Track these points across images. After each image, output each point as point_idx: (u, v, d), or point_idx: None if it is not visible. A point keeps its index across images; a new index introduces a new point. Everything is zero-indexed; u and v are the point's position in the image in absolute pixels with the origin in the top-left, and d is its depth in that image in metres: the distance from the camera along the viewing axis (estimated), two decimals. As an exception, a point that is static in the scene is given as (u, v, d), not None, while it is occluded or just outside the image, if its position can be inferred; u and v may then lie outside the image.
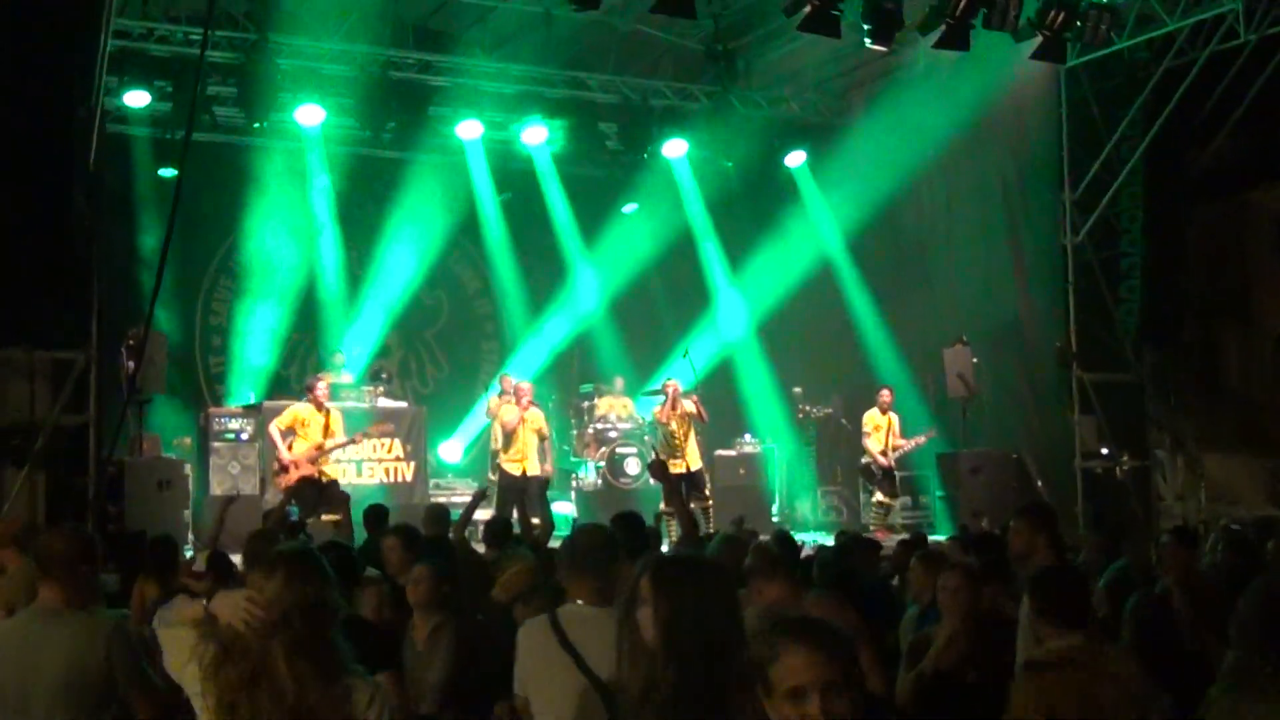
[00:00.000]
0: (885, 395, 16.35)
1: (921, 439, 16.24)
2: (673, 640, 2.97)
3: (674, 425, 15.00)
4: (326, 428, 13.66)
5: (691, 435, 15.35)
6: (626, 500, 16.07)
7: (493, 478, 15.77)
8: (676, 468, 14.58)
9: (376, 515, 10.09)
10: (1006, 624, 5.24)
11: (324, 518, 12.91)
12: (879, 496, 16.21)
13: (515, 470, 14.76)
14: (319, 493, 13.30)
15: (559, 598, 4.29)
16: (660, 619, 3.00)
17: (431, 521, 9.56)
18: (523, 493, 14.34)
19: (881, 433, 16.16)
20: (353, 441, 14.31)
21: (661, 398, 16.38)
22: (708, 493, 15.01)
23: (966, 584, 5.49)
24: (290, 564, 3.43)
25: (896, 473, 16.41)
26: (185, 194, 11.29)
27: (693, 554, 3.31)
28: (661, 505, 14.06)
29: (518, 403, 15.07)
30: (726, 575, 3.21)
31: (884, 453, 16.18)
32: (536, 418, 15.18)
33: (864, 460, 16.42)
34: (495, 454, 15.95)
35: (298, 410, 13.78)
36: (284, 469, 13.46)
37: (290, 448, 13.58)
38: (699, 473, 15.03)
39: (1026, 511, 5.94)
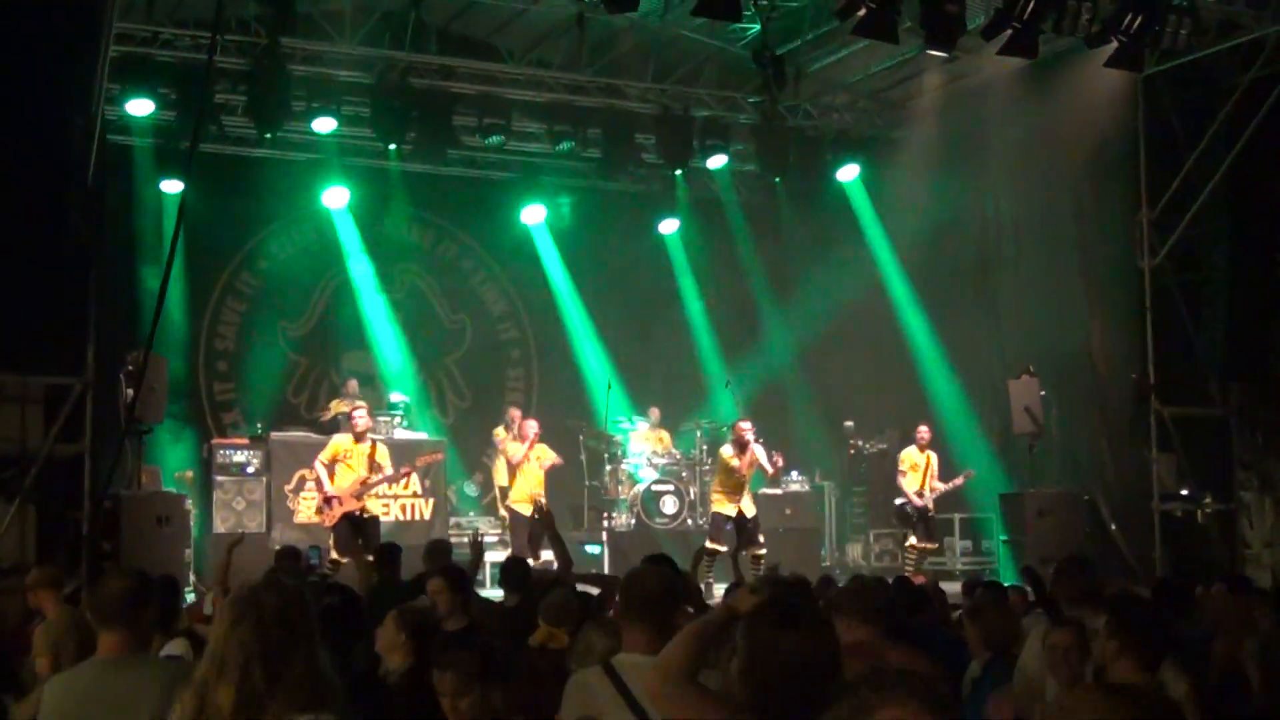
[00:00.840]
0: (923, 432, 16.33)
1: (960, 480, 16.14)
2: (758, 693, 2.98)
3: (739, 462, 14.90)
4: (371, 460, 13.78)
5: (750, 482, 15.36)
6: (662, 542, 16.02)
7: (503, 515, 15.77)
8: (728, 505, 14.68)
9: (390, 554, 10.05)
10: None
11: (364, 557, 13.06)
12: (912, 540, 16.17)
13: (524, 509, 15.01)
14: (357, 530, 13.50)
15: (611, 645, 4.24)
16: (746, 672, 3.02)
17: (432, 557, 9.56)
18: (531, 530, 14.62)
19: (919, 472, 16.14)
20: (401, 475, 14.44)
21: (702, 431, 16.43)
22: (761, 539, 14.94)
23: (1078, 644, 5.44)
24: (236, 610, 3.45)
25: (937, 516, 16.38)
26: (190, 209, 11.32)
27: (793, 600, 3.26)
28: (707, 542, 13.96)
29: (522, 439, 15.34)
30: (825, 623, 3.19)
31: (919, 493, 16.10)
32: (544, 454, 15.46)
33: (899, 501, 16.38)
34: (503, 492, 15.98)
35: (338, 442, 13.92)
36: (327, 503, 13.62)
37: (332, 480, 13.69)
38: (754, 520, 14.96)
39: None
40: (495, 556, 14.92)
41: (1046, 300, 17.47)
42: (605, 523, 17.34)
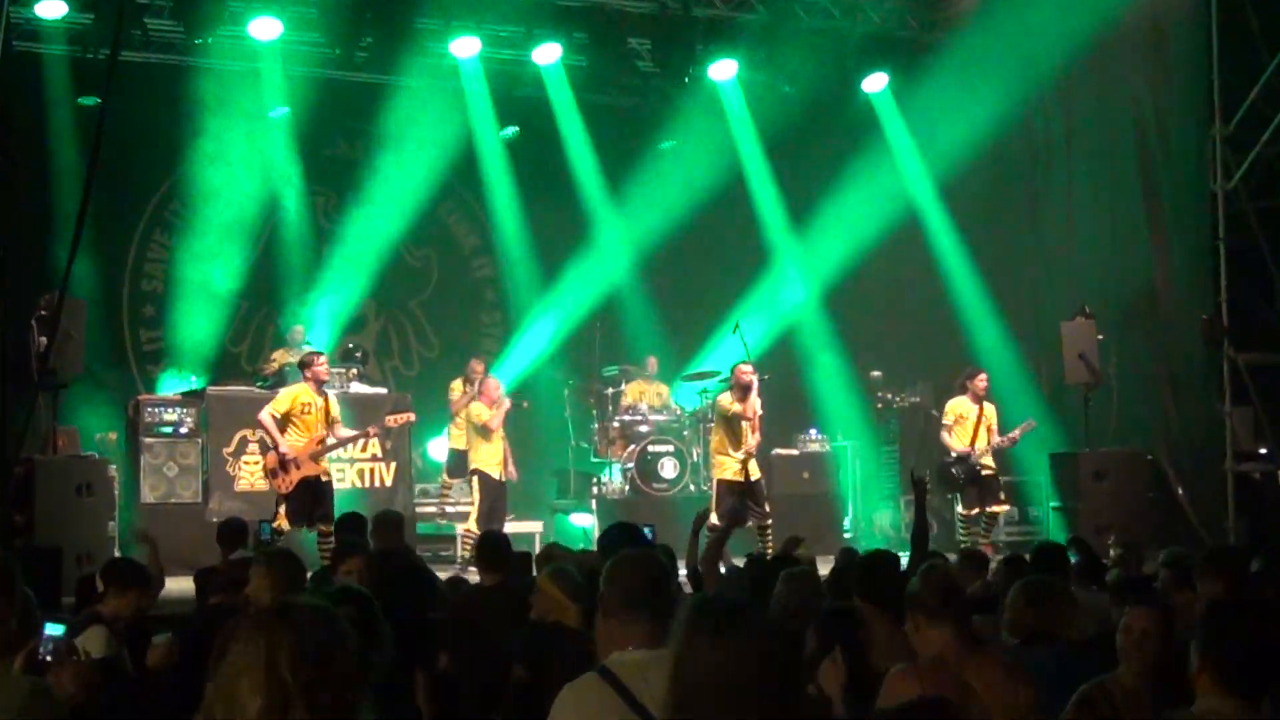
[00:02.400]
0: (981, 381, 15.97)
1: (1017, 433, 15.93)
2: (684, 708, 2.98)
3: (745, 423, 14.79)
4: (328, 416, 13.77)
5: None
6: (660, 509, 16.11)
7: (461, 487, 16.26)
8: (733, 469, 14.65)
9: (351, 527, 10.03)
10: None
11: (319, 527, 13.25)
12: (959, 508, 16.03)
13: (498, 475, 15.37)
14: (316, 499, 13.48)
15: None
16: (677, 682, 3.00)
17: (382, 531, 9.52)
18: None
19: (966, 426, 15.89)
20: (366, 435, 14.47)
21: (711, 384, 16.34)
22: (767, 508, 14.94)
23: (1158, 628, 5.41)
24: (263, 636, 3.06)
25: (998, 476, 16.17)
26: (111, 128, 11.17)
27: (736, 600, 3.18)
28: (713, 516, 14.04)
29: (487, 400, 15.45)
30: (780, 633, 3.10)
31: (969, 447, 15.85)
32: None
33: (944, 459, 16.13)
34: (459, 457, 16.30)
35: (296, 393, 13.79)
36: (283, 467, 13.49)
37: (288, 440, 13.61)
38: (758, 484, 14.97)
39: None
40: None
41: (1104, 230, 17.67)
42: (595, 489, 17.38)
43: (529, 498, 17.65)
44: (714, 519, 13.94)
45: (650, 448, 17.38)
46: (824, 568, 9.18)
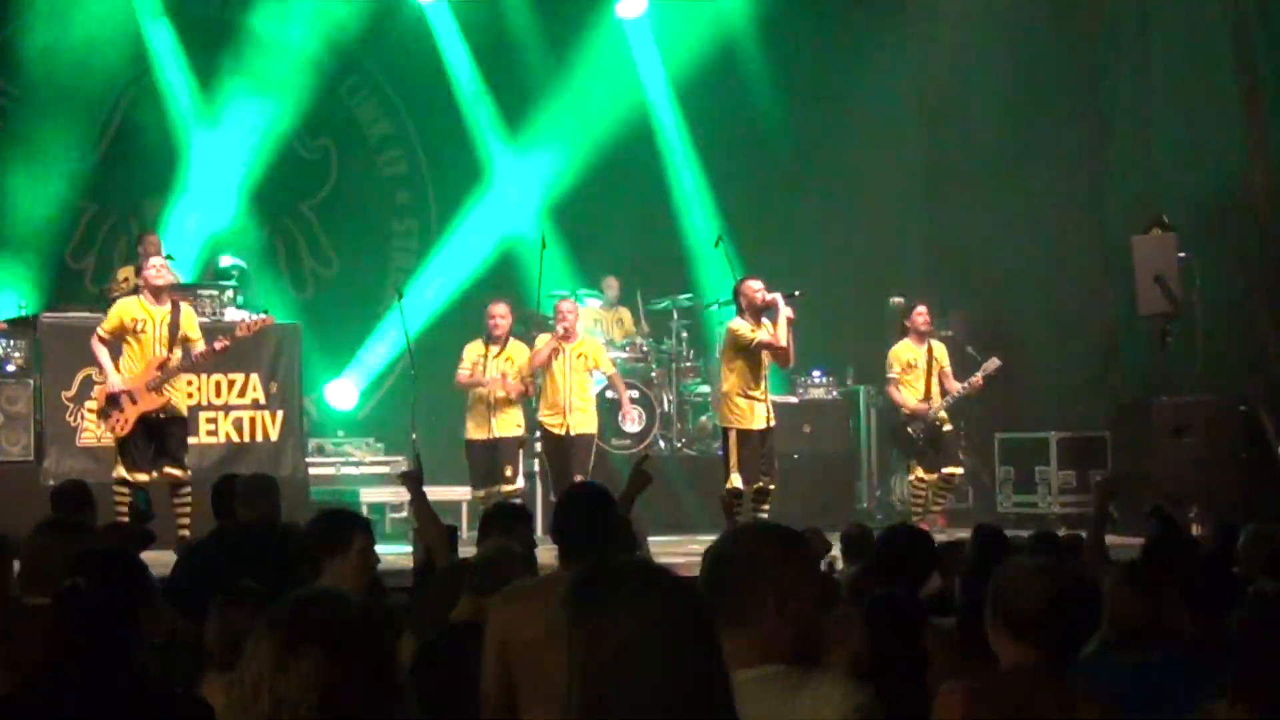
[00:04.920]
0: (920, 314, 16.30)
1: (979, 378, 16.17)
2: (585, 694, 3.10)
3: (765, 353, 14.54)
4: (173, 330, 13.58)
5: None
6: (624, 470, 15.87)
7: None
8: (752, 412, 14.46)
9: (226, 493, 9.94)
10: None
11: (166, 471, 13.25)
12: (919, 471, 16.23)
13: (555, 427, 15.19)
14: (161, 438, 13.40)
15: None
16: (576, 664, 3.11)
17: (250, 497, 9.51)
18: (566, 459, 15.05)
19: (916, 374, 16.19)
20: (214, 351, 14.00)
21: (680, 310, 16.26)
22: (776, 465, 14.81)
23: None
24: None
25: (957, 430, 16.56)
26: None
27: (635, 563, 3.35)
28: (734, 478, 14.02)
29: (562, 326, 15.28)
30: (689, 597, 3.23)
31: (924, 401, 16.10)
32: (589, 349, 15.51)
33: (899, 419, 16.46)
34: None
35: (125, 307, 13.66)
36: (113, 403, 13.38)
37: (119, 369, 13.47)
38: (771, 433, 14.78)
39: None
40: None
41: (1186, 119, 17.61)
42: (538, 448, 17.17)
43: (452, 459, 17.49)
44: (735, 480, 13.82)
45: (609, 393, 17.15)
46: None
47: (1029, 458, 17.83)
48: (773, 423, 14.65)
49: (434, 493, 15.55)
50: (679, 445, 17.65)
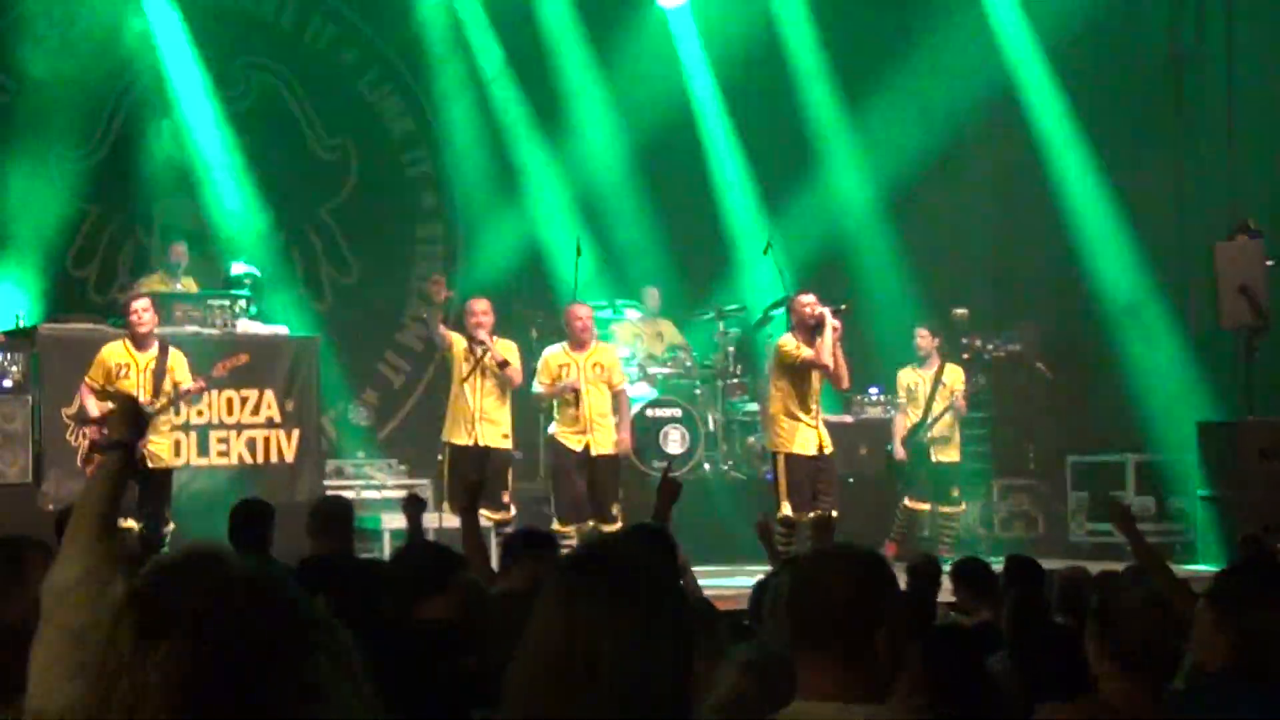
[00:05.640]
0: (921, 336, 16.71)
1: (961, 402, 16.66)
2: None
3: (814, 373, 14.57)
4: (157, 375, 13.74)
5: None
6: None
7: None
8: (803, 437, 14.48)
9: (249, 519, 9.88)
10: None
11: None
12: (908, 500, 16.79)
13: (574, 444, 15.01)
14: (143, 490, 13.42)
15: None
16: (533, 645, 3.28)
17: (324, 525, 9.45)
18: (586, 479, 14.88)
19: (918, 398, 16.68)
20: (187, 393, 14.14)
21: (727, 323, 16.16)
22: (835, 494, 14.71)
23: None
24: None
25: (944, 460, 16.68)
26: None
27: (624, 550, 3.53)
28: (784, 506, 14.04)
29: (576, 334, 15.18)
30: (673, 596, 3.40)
31: (913, 427, 16.55)
32: (604, 359, 15.35)
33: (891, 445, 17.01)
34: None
35: (109, 353, 13.83)
36: (97, 448, 13.33)
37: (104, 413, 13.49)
38: (830, 461, 14.80)
39: None
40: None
41: (1274, 115, 17.66)
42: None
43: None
44: (786, 509, 13.73)
45: (649, 412, 17.24)
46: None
47: (1104, 482, 17.64)
48: (828, 449, 14.68)
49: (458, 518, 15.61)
50: (725, 468, 17.53)
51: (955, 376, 16.59)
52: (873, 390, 18.25)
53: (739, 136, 20.50)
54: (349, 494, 16.98)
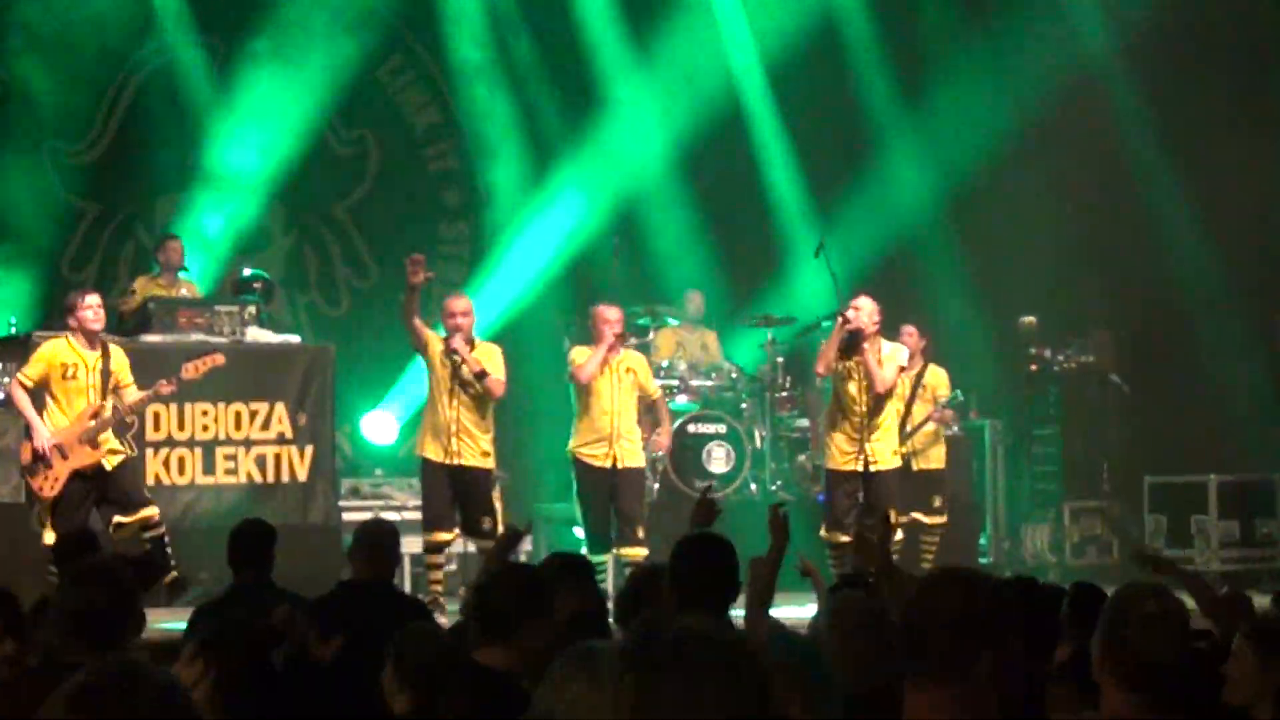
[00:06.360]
0: (908, 334, 16.31)
1: (947, 413, 16.66)
2: None
3: (852, 384, 14.67)
4: (105, 377, 13.70)
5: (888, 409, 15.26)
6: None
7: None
8: (847, 462, 14.55)
9: (250, 542, 9.89)
10: None
11: (118, 521, 13.38)
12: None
13: (599, 459, 14.81)
14: (102, 491, 13.52)
15: None
16: None
17: (368, 552, 9.40)
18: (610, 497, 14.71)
19: (896, 400, 16.12)
20: (155, 395, 14.07)
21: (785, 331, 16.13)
22: (894, 516, 14.59)
23: None
24: None
25: (944, 470, 16.64)
26: None
27: (694, 629, 3.56)
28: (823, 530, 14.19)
29: (600, 339, 14.99)
30: (750, 668, 3.46)
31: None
32: (635, 364, 15.21)
33: None
34: None
35: (54, 351, 13.78)
36: (41, 461, 13.48)
37: (45, 420, 13.61)
38: (883, 477, 14.88)
39: None
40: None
41: None
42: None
43: (512, 499, 17.40)
44: (824, 532, 13.73)
45: (691, 427, 17.17)
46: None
47: (1184, 504, 17.59)
48: (877, 467, 14.72)
49: (486, 542, 15.51)
50: (773, 489, 17.39)
51: (938, 380, 16.47)
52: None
53: (789, 130, 20.42)
54: (366, 515, 17.01)
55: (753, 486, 17.30)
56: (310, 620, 8.04)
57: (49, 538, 13.08)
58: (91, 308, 13.72)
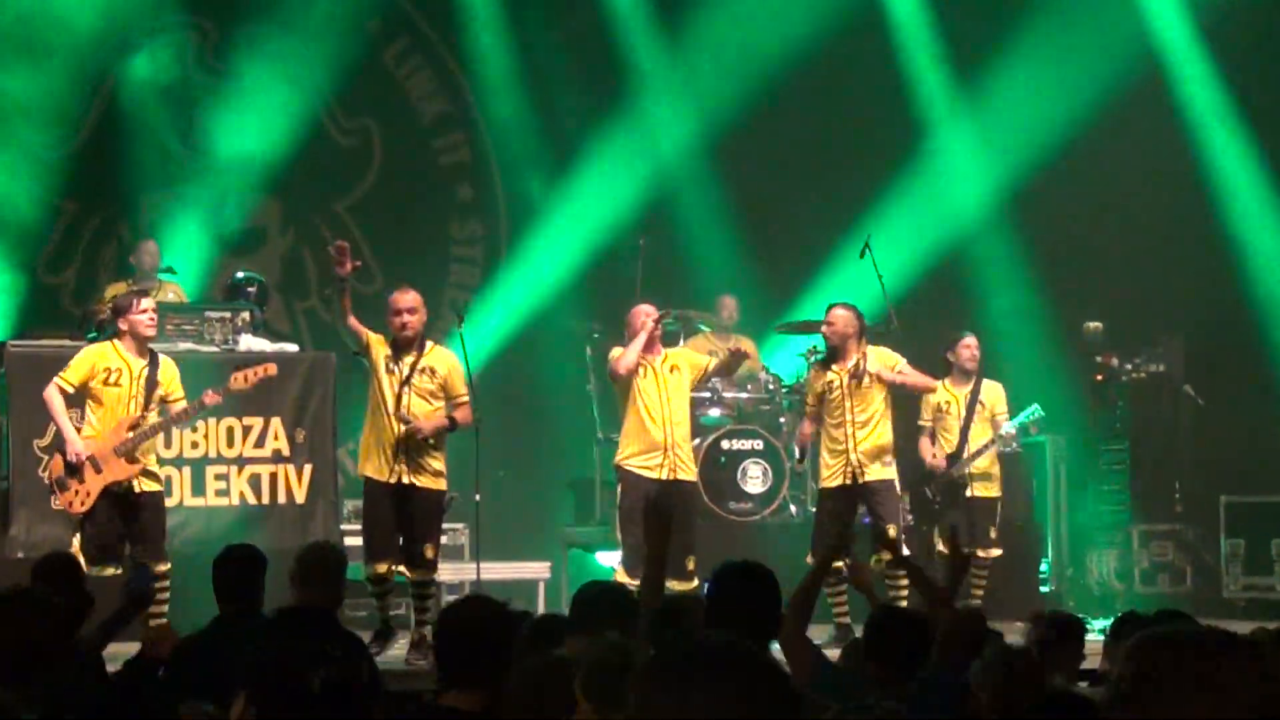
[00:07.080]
0: (965, 346, 16.21)
1: (1011, 430, 16.38)
2: None
3: (834, 394, 14.94)
4: (150, 387, 13.66)
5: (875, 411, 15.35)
6: (742, 542, 16.26)
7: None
8: (833, 476, 14.93)
9: (236, 571, 9.84)
10: None
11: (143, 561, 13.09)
12: (942, 546, 16.06)
13: (652, 470, 14.65)
14: (127, 519, 13.49)
15: None
16: None
17: (309, 576, 9.50)
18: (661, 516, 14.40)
19: (951, 421, 16.32)
20: (200, 407, 14.06)
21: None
22: (892, 532, 14.70)
23: None
24: None
25: (993, 499, 16.46)
26: None
27: (717, 641, 3.73)
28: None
29: (633, 335, 14.92)
30: (777, 680, 3.62)
31: (951, 456, 16.25)
32: (678, 359, 15.12)
33: (921, 474, 16.56)
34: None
35: (100, 353, 13.73)
36: (73, 470, 13.41)
37: (81, 429, 13.56)
38: (879, 489, 15.07)
39: None
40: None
41: None
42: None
43: (530, 523, 17.23)
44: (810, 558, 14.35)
45: (725, 443, 17.17)
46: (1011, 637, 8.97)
47: (1265, 527, 17.66)
48: (873, 476, 14.97)
49: (501, 570, 15.40)
50: (813, 510, 17.20)
51: (995, 396, 16.28)
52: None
53: (832, 121, 20.55)
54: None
55: (792, 509, 17.36)
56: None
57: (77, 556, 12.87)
58: (147, 311, 13.78)
